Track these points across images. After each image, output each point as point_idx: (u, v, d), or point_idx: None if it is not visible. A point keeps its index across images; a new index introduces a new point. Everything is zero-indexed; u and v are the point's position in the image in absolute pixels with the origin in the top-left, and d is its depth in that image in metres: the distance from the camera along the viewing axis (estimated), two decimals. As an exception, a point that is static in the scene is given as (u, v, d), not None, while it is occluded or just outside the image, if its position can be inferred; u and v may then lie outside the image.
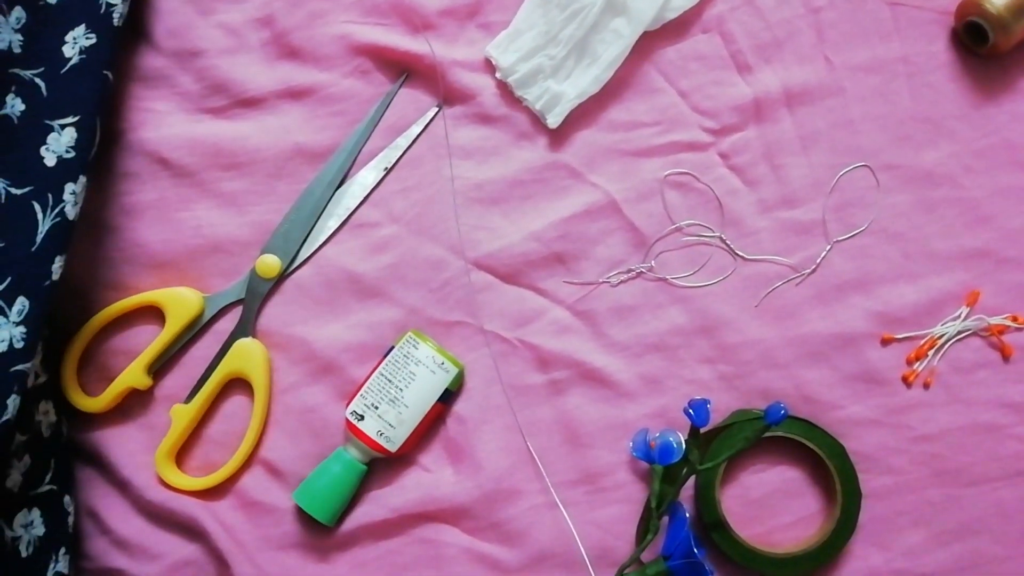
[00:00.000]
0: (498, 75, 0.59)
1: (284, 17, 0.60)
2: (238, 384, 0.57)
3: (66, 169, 0.51)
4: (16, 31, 0.52)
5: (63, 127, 0.52)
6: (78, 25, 0.53)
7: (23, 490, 0.51)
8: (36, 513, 0.51)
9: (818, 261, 0.58)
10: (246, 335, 0.57)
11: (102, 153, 0.57)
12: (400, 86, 0.60)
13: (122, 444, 0.56)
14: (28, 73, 0.52)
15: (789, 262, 0.58)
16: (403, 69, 0.60)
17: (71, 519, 0.53)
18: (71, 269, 0.54)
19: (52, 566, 0.51)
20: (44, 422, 0.53)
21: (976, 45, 0.58)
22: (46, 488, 0.52)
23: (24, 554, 0.50)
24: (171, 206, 0.58)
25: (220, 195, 0.58)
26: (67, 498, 0.53)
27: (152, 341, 0.56)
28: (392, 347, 0.56)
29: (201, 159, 0.59)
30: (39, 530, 0.51)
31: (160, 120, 0.59)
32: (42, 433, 0.53)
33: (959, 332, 0.57)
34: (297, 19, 0.60)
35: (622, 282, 0.58)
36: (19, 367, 0.48)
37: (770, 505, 0.56)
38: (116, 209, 0.58)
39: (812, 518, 0.56)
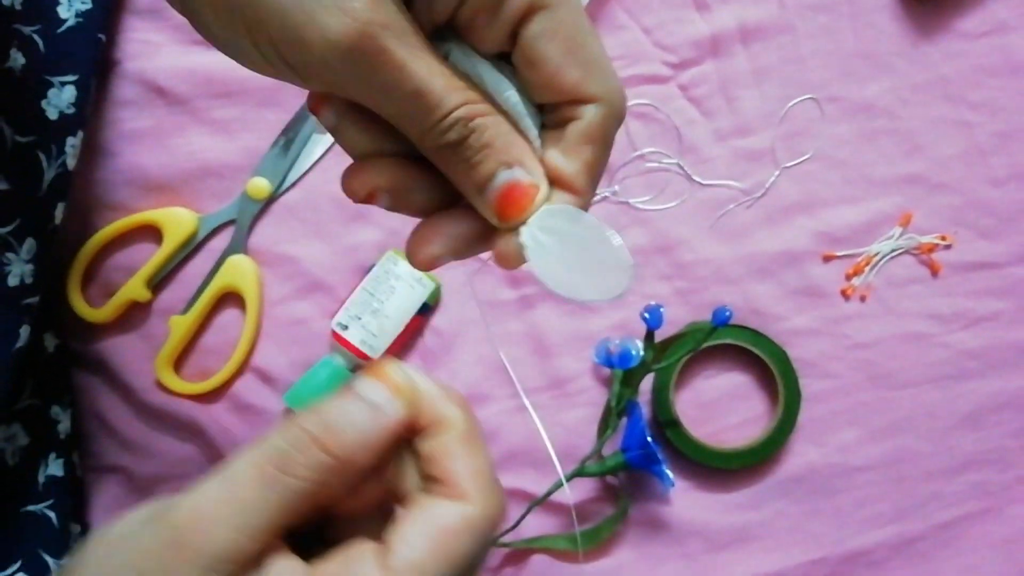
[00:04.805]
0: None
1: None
2: (231, 298, 0.62)
3: (67, 124, 0.55)
4: None
5: (63, 84, 0.55)
6: None
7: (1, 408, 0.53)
8: (17, 427, 0.54)
9: (767, 186, 0.63)
10: (238, 252, 0.61)
11: (101, 82, 0.61)
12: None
13: (124, 353, 0.61)
14: (27, 29, 0.54)
15: (741, 186, 0.63)
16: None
17: (62, 426, 0.57)
18: (74, 191, 0.58)
19: (43, 470, 0.55)
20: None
21: (914, -14, 0.63)
22: (25, 403, 0.55)
23: (11, 463, 0.54)
24: (167, 132, 0.62)
25: (213, 122, 0.62)
26: (55, 408, 0.57)
27: (151, 258, 0.60)
28: (373, 265, 0.61)
29: (194, 88, 0.62)
30: (23, 440, 0.54)
31: (155, 51, 0.62)
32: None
33: (893, 250, 0.62)
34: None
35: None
36: (29, 300, 0.52)
37: (720, 407, 0.62)
38: (115, 135, 0.61)
39: (758, 419, 0.62)
